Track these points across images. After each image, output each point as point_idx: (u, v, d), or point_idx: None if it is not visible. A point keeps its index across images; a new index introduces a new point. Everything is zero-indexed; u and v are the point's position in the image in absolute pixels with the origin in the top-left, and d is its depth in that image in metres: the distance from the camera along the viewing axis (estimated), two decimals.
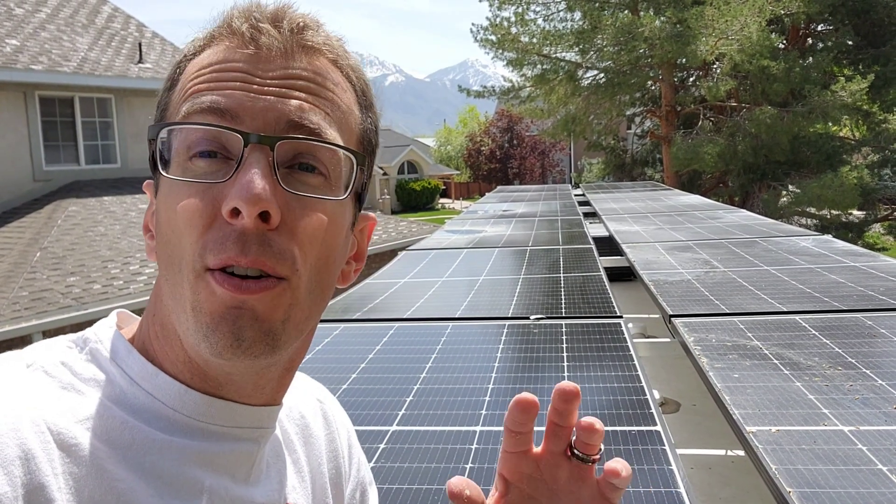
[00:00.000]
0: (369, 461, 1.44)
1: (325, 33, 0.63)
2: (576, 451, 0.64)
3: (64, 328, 8.22)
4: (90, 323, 0.64)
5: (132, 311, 0.70)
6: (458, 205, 40.23)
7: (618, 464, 0.61)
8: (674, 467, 1.40)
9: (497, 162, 45.72)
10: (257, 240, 0.55)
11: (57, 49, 12.39)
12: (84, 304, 8.63)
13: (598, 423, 0.61)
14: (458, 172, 48.05)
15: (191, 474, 0.59)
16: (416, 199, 37.35)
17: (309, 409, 0.80)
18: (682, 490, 1.30)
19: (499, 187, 11.31)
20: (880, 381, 1.85)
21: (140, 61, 13.69)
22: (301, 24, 0.61)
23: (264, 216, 0.55)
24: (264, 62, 0.59)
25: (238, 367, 0.60)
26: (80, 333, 0.64)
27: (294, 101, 0.59)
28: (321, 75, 0.61)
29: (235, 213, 0.54)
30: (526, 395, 0.62)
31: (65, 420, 0.54)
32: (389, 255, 4.21)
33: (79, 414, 0.55)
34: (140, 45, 14.10)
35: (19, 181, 11.64)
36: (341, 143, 0.61)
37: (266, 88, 0.58)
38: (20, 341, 7.95)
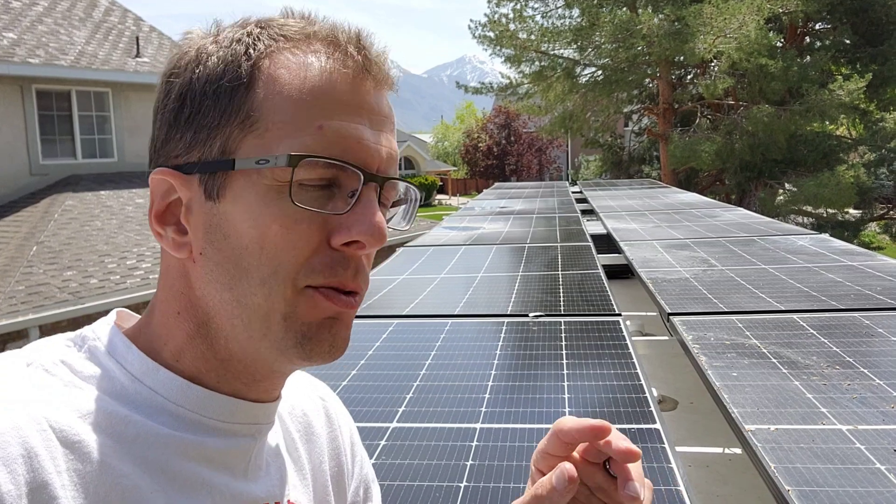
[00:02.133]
0: (370, 458, 1.45)
1: (387, 57, 0.67)
2: (610, 470, 0.68)
3: (60, 323, 8.21)
4: (87, 317, 0.64)
5: (129, 307, 0.71)
6: (454, 201, 40.20)
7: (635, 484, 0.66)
8: (673, 465, 1.40)
9: (494, 158, 45.67)
10: (359, 266, 0.62)
11: (54, 42, 12.35)
12: (81, 298, 8.62)
13: (636, 449, 0.66)
14: (455, 169, 48.02)
15: (193, 469, 0.59)
16: None
17: (311, 407, 0.80)
18: (681, 488, 1.31)
19: (496, 184, 11.31)
20: (878, 381, 1.86)
21: (137, 55, 13.66)
22: (384, 55, 0.65)
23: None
24: (369, 95, 0.63)
25: (307, 367, 0.65)
26: (78, 332, 0.64)
27: (391, 143, 0.65)
28: (393, 113, 0.67)
29: (353, 243, 0.60)
30: (603, 423, 0.66)
31: (67, 417, 0.54)
32: (387, 251, 4.21)
33: (81, 410, 0.55)
34: (137, 39, 14.06)
35: (16, 175, 11.61)
36: (406, 179, 0.69)
37: (377, 131, 0.63)
38: (17, 336, 7.93)
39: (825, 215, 18.80)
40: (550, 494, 0.66)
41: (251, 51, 0.61)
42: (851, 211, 19.32)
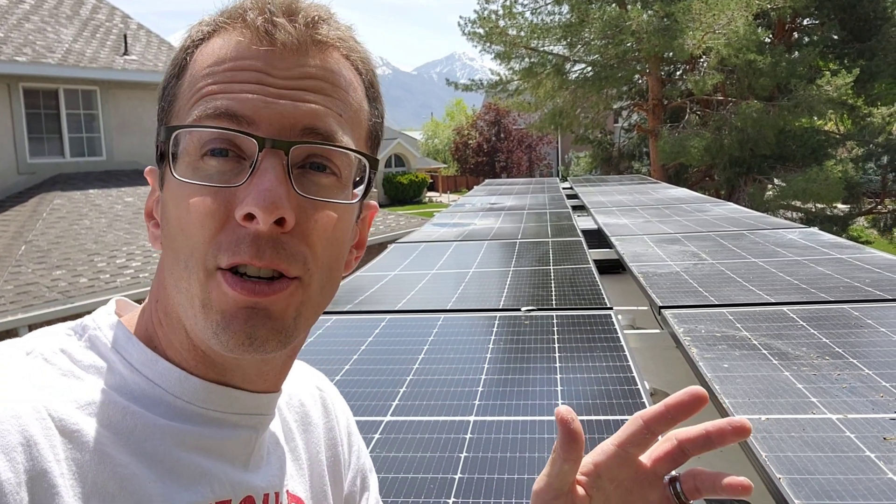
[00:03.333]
0: None
1: (337, 25, 0.63)
2: (680, 492, 0.65)
3: (50, 322, 8.08)
4: (77, 317, 0.64)
5: None
6: (445, 198, 40.20)
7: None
8: None
9: (484, 155, 45.68)
10: (271, 243, 0.56)
11: (41, 40, 12.27)
12: (70, 297, 8.58)
13: (748, 483, 0.62)
14: (445, 166, 48.01)
15: (192, 459, 0.59)
16: (403, 192, 37.31)
17: (308, 397, 0.81)
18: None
19: (487, 180, 11.32)
20: (867, 371, 1.88)
21: (125, 53, 13.59)
22: (315, 17, 0.61)
23: (279, 221, 0.56)
24: (279, 59, 0.59)
25: (247, 360, 0.62)
26: (78, 321, 0.64)
27: (308, 105, 0.59)
28: (334, 74, 0.61)
29: (250, 217, 0.55)
30: (700, 389, 0.64)
31: (66, 407, 0.54)
32: (378, 248, 4.22)
33: (80, 400, 0.55)
34: (125, 36, 13.99)
35: (3, 174, 11.54)
36: (353, 147, 0.62)
37: (281, 91, 0.58)
38: (5, 335, 7.88)
39: (814, 210, 18.91)
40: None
41: (187, 43, 0.63)
42: (840, 206, 19.43)
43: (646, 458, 0.67)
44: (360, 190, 0.64)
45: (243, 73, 0.58)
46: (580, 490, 0.67)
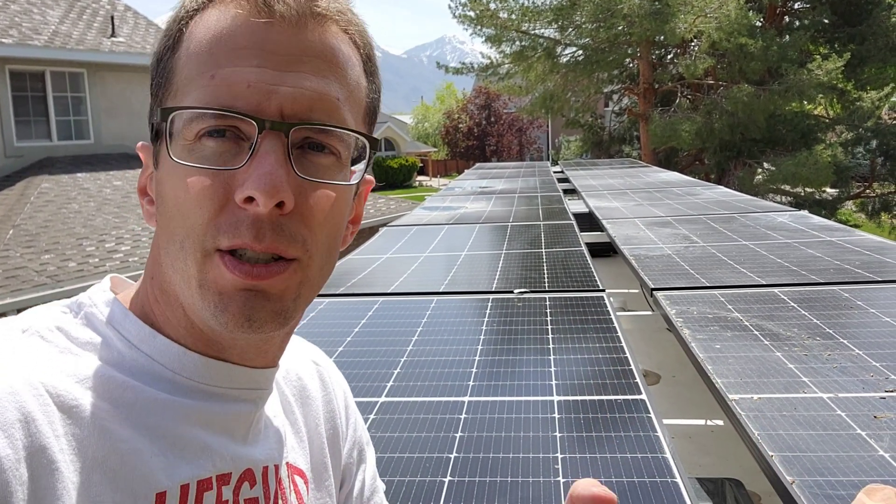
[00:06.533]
0: None
1: None
2: None
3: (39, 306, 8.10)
4: None
5: None
6: (435, 182, 40.15)
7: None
8: (659, 434, 1.43)
9: (475, 139, 45.62)
10: (271, 226, 0.56)
11: (27, 22, 12.12)
12: (59, 282, 8.53)
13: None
14: (435, 150, 47.90)
15: (193, 433, 0.60)
16: (393, 176, 37.20)
17: (306, 371, 0.81)
18: (668, 455, 1.33)
19: (478, 164, 11.30)
20: (857, 351, 1.89)
21: (113, 35, 13.44)
22: None
23: (279, 204, 0.55)
24: (277, 33, 0.58)
25: (246, 339, 0.62)
26: (74, 298, 0.64)
27: (308, 85, 0.58)
28: (333, 50, 0.60)
29: (250, 200, 0.55)
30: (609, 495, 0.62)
31: (64, 382, 0.54)
32: (370, 231, 4.21)
33: (78, 376, 0.55)
34: (112, 18, 13.83)
35: None
36: (352, 127, 0.61)
37: (281, 72, 0.57)
38: None
39: (803, 194, 19.00)
40: None
41: (181, 13, 0.62)
42: (829, 190, 19.53)
43: None
44: (358, 168, 0.64)
45: (242, 51, 0.57)
46: None
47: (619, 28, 17.98)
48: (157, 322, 0.63)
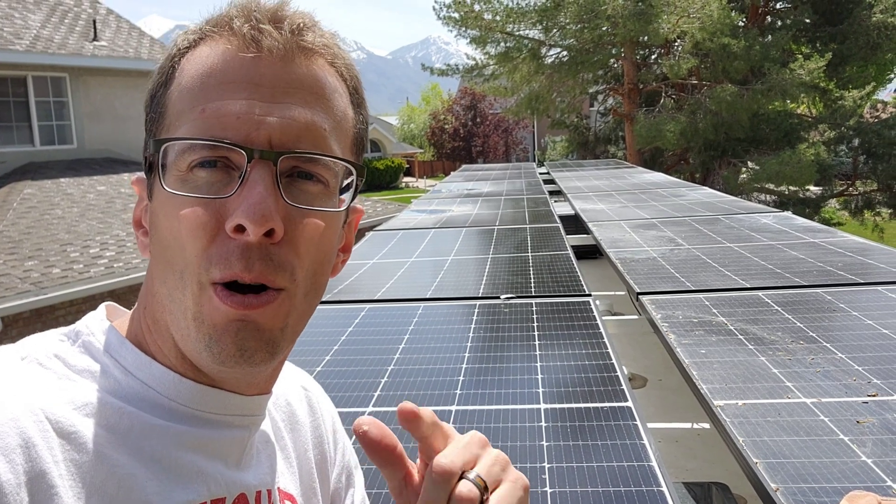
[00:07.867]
0: None
1: (322, 32, 0.64)
2: None
3: (23, 314, 8.05)
4: (51, 308, 0.65)
5: (93, 296, 0.71)
6: (421, 183, 40.14)
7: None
8: (645, 442, 1.44)
9: (461, 140, 45.64)
10: (260, 255, 0.57)
11: (8, 27, 12.01)
12: (43, 289, 8.45)
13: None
14: (421, 151, 47.90)
15: (188, 459, 0.61)
16: (379, 177, 37.16)
17: (294, 396, 0.82)
18: (654, 464, 1.34)
19: (464, 166, 11.31)
20: (840, 354, 1.91)
21: (95, 39, 13.34)
22: (301, 24, 0.62)
23: (268, 233, 0.57)
24: (266, 67, 0.59)
25: (238, 373, 0.62)
26: (71, 326, 0.65)
27: (295, 114, 0.59)
28: (320, 81, 0.62)
29: (241, 229, 0.56)
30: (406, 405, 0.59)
31: (62, 408, 0.55)
32: (357, 235, 4.22)
33: (76, 402, 0.56)
34: (94, 22, 13.73)
35: None
36: (339, 155, 0.62)
37: (269, 103, 0.59)
38: None
39: (787, 193, 19.13)
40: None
41: (173, 52, 0.64)
42: (812, 188, 19.68)
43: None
44: (347, 196, 0.65)
45: (231, 84, 0.59)
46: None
47: (604, 29, 18.05)
48: (149, 350, 0.64)
